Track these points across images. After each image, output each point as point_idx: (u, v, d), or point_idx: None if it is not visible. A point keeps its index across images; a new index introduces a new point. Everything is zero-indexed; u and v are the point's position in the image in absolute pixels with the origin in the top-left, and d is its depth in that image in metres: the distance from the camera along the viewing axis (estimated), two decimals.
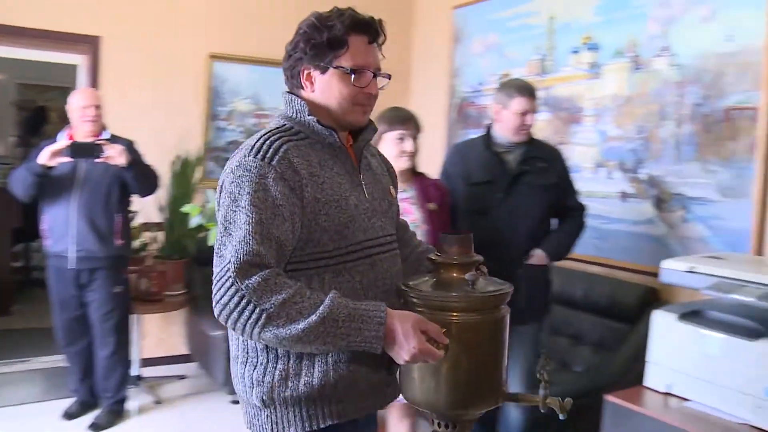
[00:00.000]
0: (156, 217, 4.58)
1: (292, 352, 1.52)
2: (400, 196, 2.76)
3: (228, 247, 1.44)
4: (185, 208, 3.72)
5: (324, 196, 1.53)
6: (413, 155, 2.77)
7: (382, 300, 1.52)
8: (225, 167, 1.58)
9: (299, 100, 1.61)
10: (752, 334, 2.37)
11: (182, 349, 4.87)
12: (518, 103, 2.91)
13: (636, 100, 3.64)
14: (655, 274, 2.73)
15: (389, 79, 1.66)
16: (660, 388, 2.58)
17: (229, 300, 1.40)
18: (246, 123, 5.00)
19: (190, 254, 4.59)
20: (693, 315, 2.60)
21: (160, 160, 4.22)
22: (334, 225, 1.54)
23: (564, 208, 3.11)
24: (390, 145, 2.74)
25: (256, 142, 1.55)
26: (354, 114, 1.63)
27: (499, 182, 2.95)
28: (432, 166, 3.21)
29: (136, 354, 4.36)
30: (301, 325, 1.38)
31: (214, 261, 1.47)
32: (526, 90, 2.94)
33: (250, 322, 1.39)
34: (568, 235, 3.10)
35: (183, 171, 4.67)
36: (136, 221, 4.33)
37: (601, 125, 3.85)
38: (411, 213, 2.76)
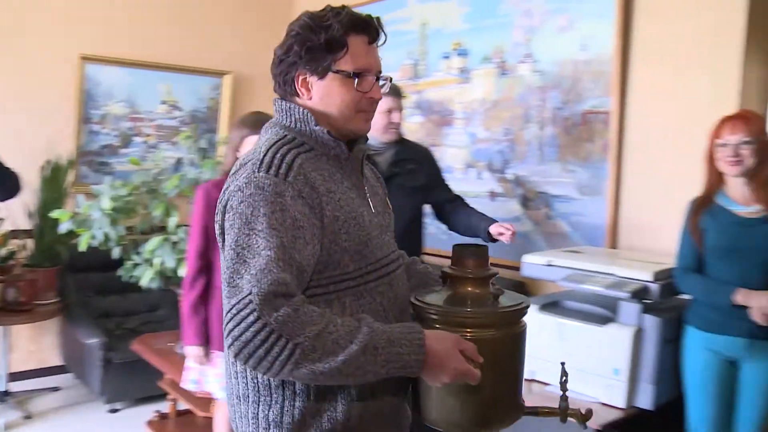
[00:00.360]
0: (25, 224, 4.39)
1: (312, 387, 1.37)
2: None
3: (245, 277, 1.27)
4: (54, 214, 3.60)
5: (343, 213, 1.40)
6: None
7: (400, 320, 1.44)
8: (227, 186, 1.41)
9: (300, 109, 1.45)
10: (602, 320, 2.58)
11: (56, 360, 4.68)
12: (384, 102, 3.00)
13: (502, 103, 3.83)
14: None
15: (391, 82, 1.55)
16: (525, 375, 2.74)
17: (254, 336, 1.22)
18: (121, 127, 4.87)
19: (62, 261, 4.42)
20: (552, 305, 2.79)
21: (26, 164, 4.05)
22: (354, 244, 1.40)
23: (443, 203, 3.22)
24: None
25: (264, 155, 1.38)
26: (357, 122, 1.49)
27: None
28: None
29: (3, 368, 4.17)
30: (341, 356, 1.24)
31: (225, 292, 1.30)
32: (391, 89, 3.04)
33: (281, 359, 1.23)
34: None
35: (54, 176, 4.50)
36: (3, 228, 4.15)
37: (471, 128, 4.01)
38: None
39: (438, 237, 3.75)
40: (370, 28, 1.46)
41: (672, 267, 2.63)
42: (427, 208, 3.24)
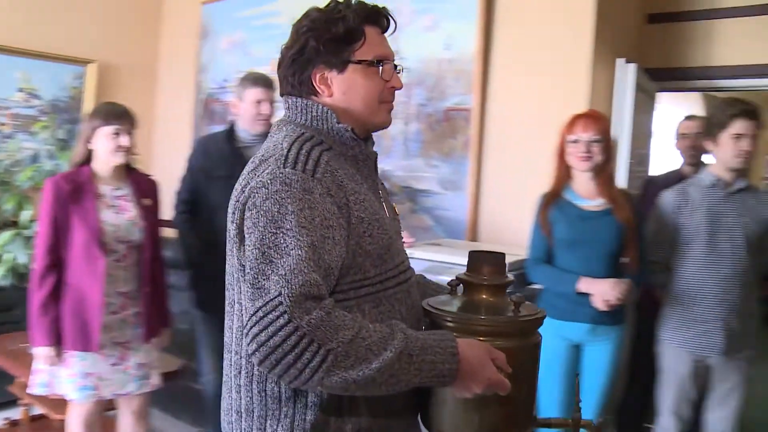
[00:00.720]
0: None
1: (325, 400, 1.30)
2: (115, 193, 2.72)
3: (272, 278, 1.19)
4: None
5: (367, 215, 1.33)
6: (129, 151, 2.73)
7: (417, 329, 1.35)
8: (244, 183, 1.34)
9: (319, 106, 1.39)
10: None
11: None
12: (253, 93, 2.99)
13: None
14: None
15: (402, 71, 1.50)
16: None
17: (283, 341, 1.14)
18: None
19: None
20: None
21: None
22: (377, 248, 1.34)
23: None
24: (105, 141, 2.67)
25: (288, 151, 1.31)
26: (381, 114, 1.44)
27: (238, 177, 2.99)
28: (179, 161, 3.21)
29: None
30: (375, 364, 1.18)
31: (248, 294, 1.22)
32: (261, 80, 3.04)
33: (312, 365, 1.15)
34: None
35: None
36: None
37: None
38: (128, 210, 2.73)
39: None
40: (381, 18, 1.45)
41: (524, 258, 2.76)
42: None
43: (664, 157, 4.74)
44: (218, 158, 3.05)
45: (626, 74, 3.45)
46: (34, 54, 4.75)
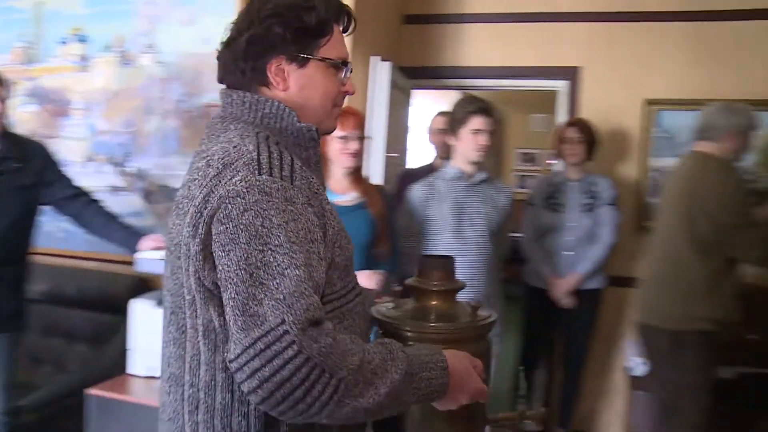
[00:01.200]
0: None
1: (297, 428, 1.16)
2: None
3: (266, 302, 1.03)
4: None
5: (336, 224, 1.21)
6: None
7: (367, 341, 1.24)
8: (206, 190, 1.12)
9: (274, 102, 1.24)
10: None
11: None
12: None
13: (124, 94, 3.72)
14: None
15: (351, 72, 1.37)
16: (142, 373, 2.70)
17: (292, 375, 1.00)
18: None
19: None
20: None
21: None
22: (344, 259, 1.23)
23: (64, 201, 2.96)
24: None
25: (258, 154, 1.13)
26: (332, 118, 1.34)
27: None
28: None
29: None
30: (383, 388, 1.07)
31: (238, 323, 1.04)
32: None
33: (323, 398, 1.02)
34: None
35: None
36: None
37: (91, 119, 3.82)
38: None
39: (54, 235, 3.52)
40: (345, 16, 1.34)
41: None
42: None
43: (423, 150, 5.00)
44: None
45: (381, 72, 3.59)
46: None
